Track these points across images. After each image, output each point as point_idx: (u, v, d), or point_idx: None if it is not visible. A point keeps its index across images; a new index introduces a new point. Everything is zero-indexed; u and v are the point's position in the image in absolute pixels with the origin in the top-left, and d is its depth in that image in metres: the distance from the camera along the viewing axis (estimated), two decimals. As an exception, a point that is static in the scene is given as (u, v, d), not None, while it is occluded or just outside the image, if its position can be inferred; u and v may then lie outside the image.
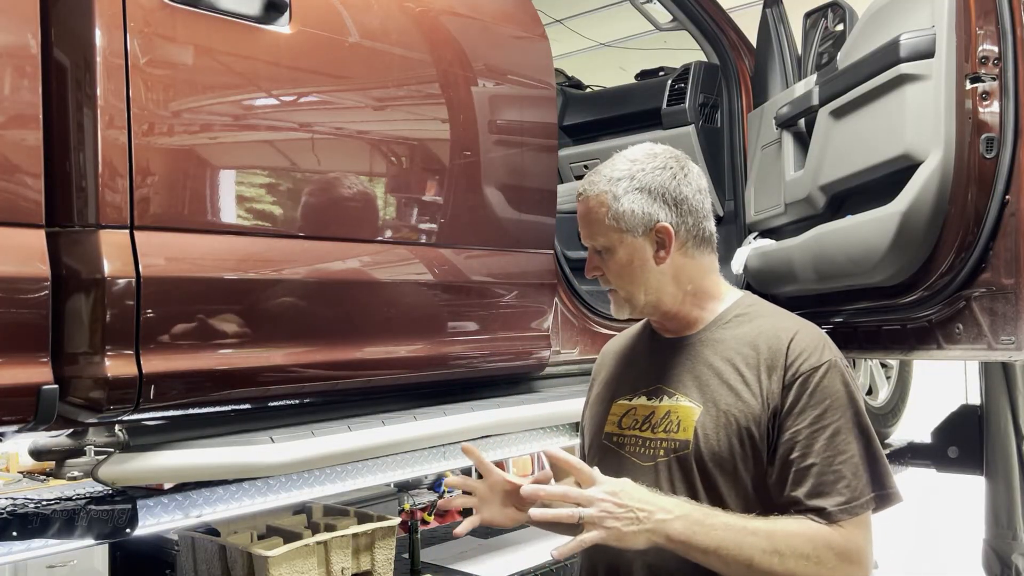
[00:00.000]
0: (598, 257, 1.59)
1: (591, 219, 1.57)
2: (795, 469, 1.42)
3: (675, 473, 1.49)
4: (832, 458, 1.41)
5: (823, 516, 1.39)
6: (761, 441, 1.45)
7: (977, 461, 3.41)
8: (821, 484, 1.40)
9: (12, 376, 1.45)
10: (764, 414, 1.45)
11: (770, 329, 1.52)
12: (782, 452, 1.44)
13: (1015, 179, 2.10)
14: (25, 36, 1.50)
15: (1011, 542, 3.30)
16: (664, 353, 1.61)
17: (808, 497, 1.40)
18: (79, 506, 1.72)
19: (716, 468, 1.45)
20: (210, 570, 2.39)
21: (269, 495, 2.00)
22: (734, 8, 3.66)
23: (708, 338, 1.57)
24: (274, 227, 1.84)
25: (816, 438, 1.42)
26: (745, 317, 1.57)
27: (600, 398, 1.71)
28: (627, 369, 1.69)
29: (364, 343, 2.00)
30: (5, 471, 3.39)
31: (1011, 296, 2.12)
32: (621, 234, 1.54)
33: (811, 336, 1.51)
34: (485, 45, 2.31)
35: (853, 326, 2.79)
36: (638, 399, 1.60)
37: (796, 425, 1.43)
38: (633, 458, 1.56)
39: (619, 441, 1.60)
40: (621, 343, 1.77)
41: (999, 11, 2.11)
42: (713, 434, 1.46)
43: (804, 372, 1.45)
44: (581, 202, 1.59)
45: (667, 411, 1.53)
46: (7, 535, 1.63)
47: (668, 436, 1.51)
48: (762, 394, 1.46)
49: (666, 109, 3.54)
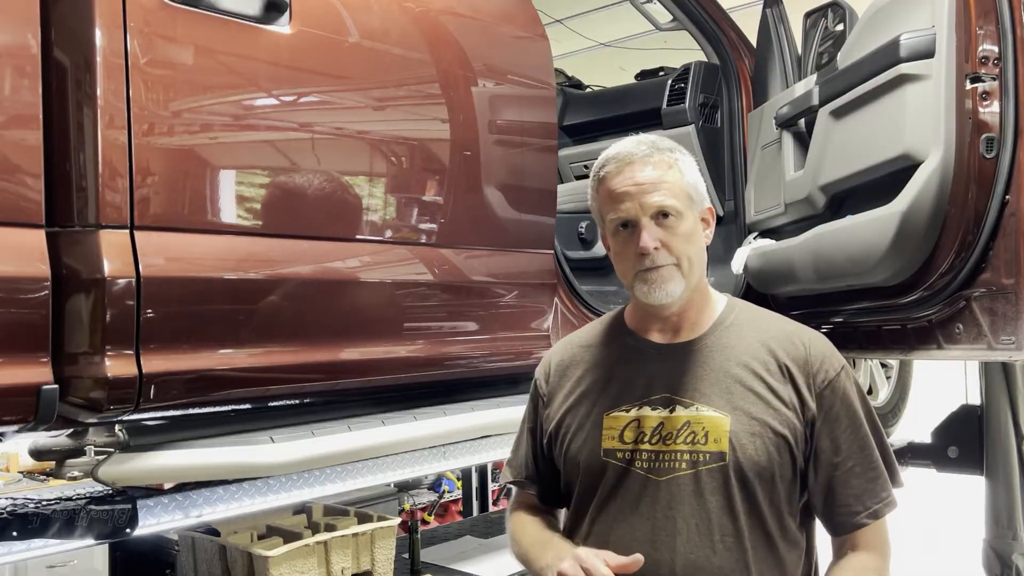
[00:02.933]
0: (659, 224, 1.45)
1: (661, 181, 1.46)
2: (838, 473, 1.47)
3: (705, 486, 1.44)
4: (868, 458, 1.48)
5: (869, 515, 1.47)
6: (797, 448, 1.46)
7: (977, 461, 3.41)
8: (865, 484, 1.47)
9: (12, 376, 1.45)
10: (798, 421, 1.46)
11: (779, 333, 1.53)
12: (824, 458, 1.47)
13: (1015, 179, 2.10)
14: (25, 36, 1.50)
15: (1011, 542, 3.29)
16: (666, 360, 1.53)
17: (856, 498, 1.47)
18: (79, 506, 1.72)
19: (756, 478, 1.44)
20: (210, 570, 2.38)
21: (269, 495, 2.00)
22: (734, 8, 3.66)
23: (716, 343, 1.52)
24: (274, 227, 1.84)
25: (852, 441, 1.48)
26: (742, 320, 1.56)
27: (577, 412, 1.57)
28: (610, 379, 1.56)
29: (364, 343, 2.00)
30: (5, 471, 3.38)
31: (1011, 296, 2.11)
32: (691, 203, 1.49)
33: (822, 341, 1.54)
34: (485, 45, 2.31)
35: (853, 326, 2.79)
36: (641, 411, 1.50)
37: (834, 431, 1.47)
38: (646, 474, 1.47)
39: (624, 457, 1.49)
40: (582, 351, 1.63)
41: (999, 11, 2.11)
42: (750, 444, 1.44)
43: (831, 378, 1.48)
44: (641, 163, 1.46)
45: (686, 422, 1.47)
46: (7, 535, 1.63)
47: (694, 448, 1.45)
48: (794, 401, 1.47)
49: (666, 109, 3.54)
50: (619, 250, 1.51)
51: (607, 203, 1.50)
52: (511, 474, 1.72)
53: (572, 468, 1.56)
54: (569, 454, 1.56)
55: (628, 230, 1.48)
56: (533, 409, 1.69)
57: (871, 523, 1.47)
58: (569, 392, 1.60)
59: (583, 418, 1.55)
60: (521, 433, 1.72)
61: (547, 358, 1.69)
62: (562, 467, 1.59)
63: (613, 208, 1.48)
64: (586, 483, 1.53)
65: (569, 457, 1.56)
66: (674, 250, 1.46)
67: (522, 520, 1.66)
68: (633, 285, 1.50)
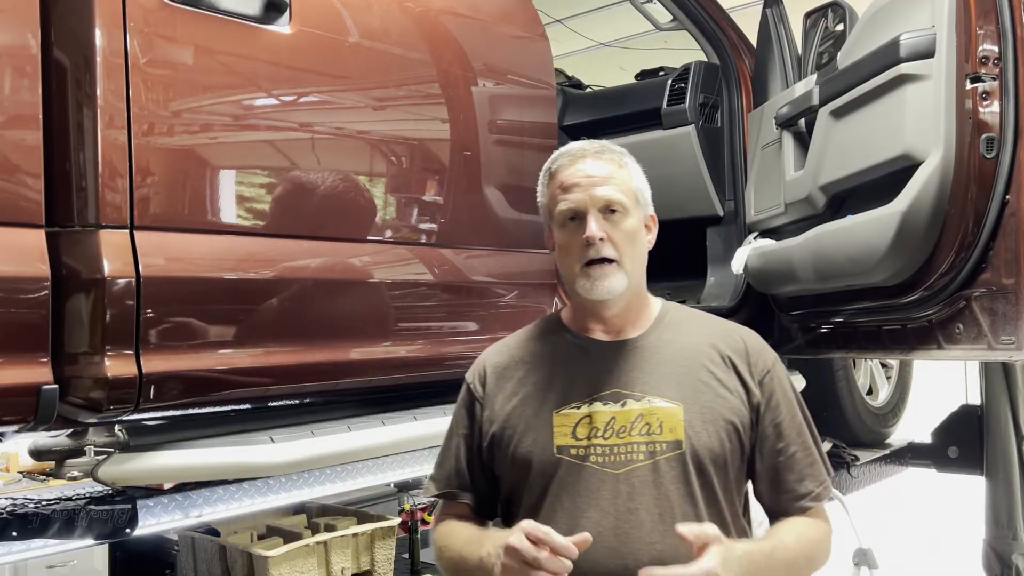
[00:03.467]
0: (606, 218, 1.50)
1: (611, 176, 1.51)
2: (782, 458, 1.54)
3: (665, 475, 1.47)
4: (806, 445, 1.56)
5: (812, 499, 1.53)
6: (745, 434, 1.53)
7: (977, 461, 3.41)
8: (804, 467, 1.54)
9: (12, 376, 1.45)
10: (745, 408, 1.53)
11: (716, 329, 1.62)
12: (768, 444, 1.54)
13: (1015, 179, 2.10)
14: (25, 36, 1.50)
15: (1011, 542, 3.30)
16: (612, 357, 1.55)
17: (799, 482, 1.53)
18: (79, 506, 1.72)
19: (711, 464, 1.49)
20: (210, 570, 2.39)
21: (269, 495, 2.00)
22: (734, 8, 3.66)
23: (659, 339, 1.58)
24: (274, 227, 1.84)
25: (792, 427, 1.55)
26: (680, 319, 1.63)
27: (523, 413, 1.56)
28: (556, 378, 1.56)
29: (364, 343, 2.00)
30: (5, 471, 3.38)
31: (1011, 296, 2.11)
32: (637, 204, 1.55)
33: (755, 335, 1.63)
34: (485, 45, 2.31)
35: (853, 326, 2.79)
36: (592, 407, 1.51)
37: (776, 418, 1.55)
38: (600, 467, 1.49)
39: (579, 453, 1.49)
40: (521, 353, 1.63)
41: (999, 11, 2.11)
42: (703, 431, 1.49)
43: (769, 367, 1.57)
44: (592, 158, 1.52)
45: (639, 414, 1.49)
46: (7, 535, 1.63)
47: (650, 439, 1.48)
48: (740, 390, 1.54)
49: (666, 109, 3.54)
50: (565, 242, 1.53)
51: (557, 194, 1.53)
52: (438, 487, 1.64)
53: (521, 468, 1.54)
54: (518, 454, 1.54)
55: (575, 223, 1.51)
56: (467, 415, 1.63)
57: (814, 506, 1.54)
58: (512, 393, 1.58)
59: (531, 417, 1.55)
60: (450, 443, 1.65)
61: (480, 362, 1.66)
62: (508, 469, 1.57)
63: (563, 198, 1.52)
64: (538, 482, 1.52)
65: (518, 457, 1.54)
66: (617, 245, 1.50)
67: (451, 527, 1.59)
68: (576, 281, 1.53)
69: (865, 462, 3.44)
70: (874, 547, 2.97)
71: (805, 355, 3.15)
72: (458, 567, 1.52)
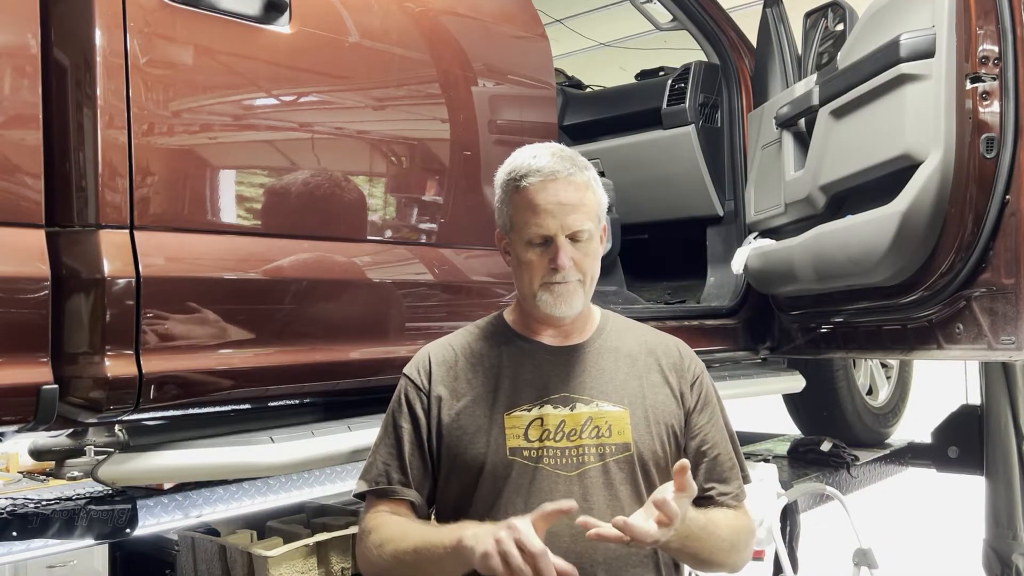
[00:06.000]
0: (573, 243, 1.54)
1: (581, 203, 1.54)
2: (707, 459, 1.62)
3: (615, 476, 1.53)
4: (727, 446, 1.65)
5: (733, 498, 1.62)
6: (680, 437, 1.62)
7: (977, 461, 3.41)
8: (726, 470, 1.63)
9: (12, 376, 1.45)
10: (680, 412, 1.62)
11: (652, 338, 1.70)
12: (695, 444, 1.62)
13: (1015, 179, 2.10)
14: (25, 36, 1.50)
15: (1011, 542, 3.30)
16: (560, 362, 1.60)
17: (721, 483, 1.62)
18: (79, 506, 1.72)
19: (655, 466, 1.56)
20: (210, 570, 2.38)
21: (269, 495, 2.00)
22: (734, 8, 3.66)
23: (604, 346, 1.64)
24: (274, 227, 1.83)
25: (715, 430, 1.64)
26: (620, 327, 1.69)
27: (472, 415, 1.56)
28: (505, 380, 1.58)
29: (364, 343, 2.00)
30: (5, 471, 3.38)
31: (1011, 296, 2.12)
32: (598, 223, 1.60)
33: (684, 344, 1.72)
34: (485, 45, 2.31)
35: (853, 326, 2.79)
36: (543, 409, 1.55)
37: (701, 421, 1.64)
38: (554, 470, 1.51)
39: (532, 455, 1.52)
40: (465, 353, 1.63)
41: (999, 11, 2.11)
42: (646, 434, 1.57)
43: (698, 375, 1.67)
44: (564, 182, 1.53)
45: (588, 417, 1.55)
46: (7, 535, 1.63)
47: (600, 441, 1.54)
48: (675, 396, 1.62)
49: (666, 109, 3.54)
50: (530, 261, 1.55)
51: (527, 214, 1.54)
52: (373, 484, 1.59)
53: (470, 471, 1.54)
54: (468, 456, 1.54)
55: (543, 246, 1.54)
56: (409, 410, 1.60)
57: (736, 505, 1.63)
58: (459, 394, 1.58)
59: (480, 419, 1.55)
60: (388, 437, 1.62)
61: (422, 358, 1.64)
62: (455, 472, 1.56)
63: (535, 222, 1.53)
64: (488, 485, 1.53)
65: (468, 459, 1.54)
66: (582, 268, 1.56)
67: (396, 520, 1.54)
68: (537, 294, 1.55)
69: (865, 462, 3.44)
70: (874, 547, 2.97)
71: (805, 355, 3.16)
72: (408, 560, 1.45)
